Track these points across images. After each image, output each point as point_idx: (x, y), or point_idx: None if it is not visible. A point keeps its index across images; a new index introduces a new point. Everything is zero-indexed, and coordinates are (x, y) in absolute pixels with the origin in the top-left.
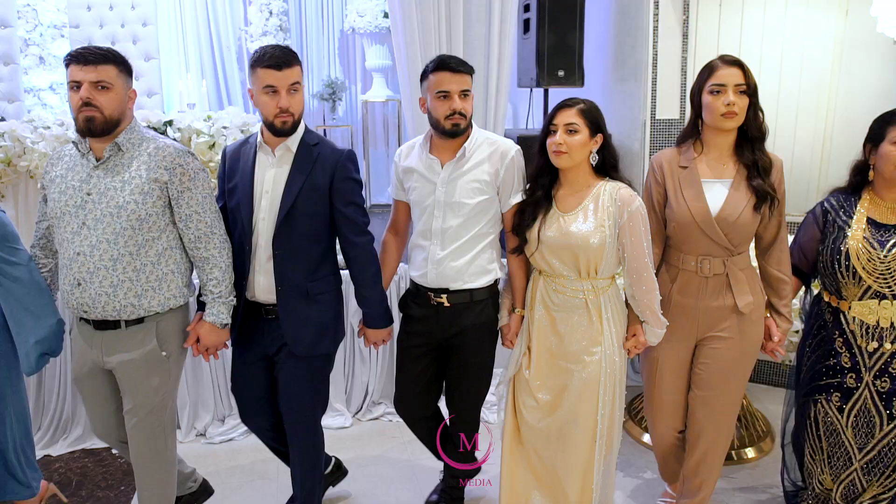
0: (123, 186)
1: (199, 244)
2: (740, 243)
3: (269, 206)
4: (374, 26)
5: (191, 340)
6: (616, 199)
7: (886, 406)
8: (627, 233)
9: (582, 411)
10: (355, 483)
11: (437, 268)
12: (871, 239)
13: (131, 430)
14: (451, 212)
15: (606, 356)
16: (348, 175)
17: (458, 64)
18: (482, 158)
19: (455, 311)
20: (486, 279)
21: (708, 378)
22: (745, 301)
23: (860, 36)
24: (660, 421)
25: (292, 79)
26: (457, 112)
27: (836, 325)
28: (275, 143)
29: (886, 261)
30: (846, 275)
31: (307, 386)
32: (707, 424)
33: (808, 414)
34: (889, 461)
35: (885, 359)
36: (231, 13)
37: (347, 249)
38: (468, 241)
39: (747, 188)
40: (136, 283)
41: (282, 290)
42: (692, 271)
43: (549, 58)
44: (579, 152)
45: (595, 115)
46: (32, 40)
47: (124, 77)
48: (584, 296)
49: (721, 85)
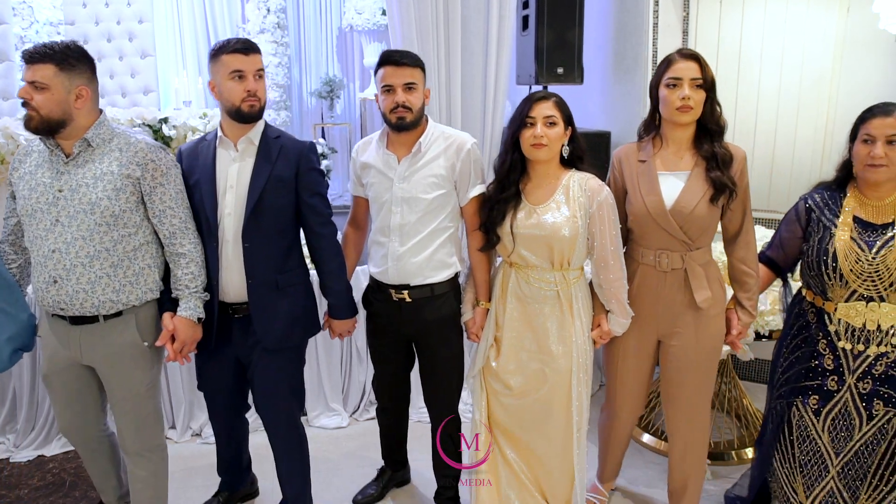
0: (95, 183)
1: (173, 240)
2: (698, 237)
3: (234, 200)
4: (372, 24)
5: (164, 338)
6: (585, 189)
7: (867, 407)
8: (597, 222)
9: (556, 403)
10: (352, 483)
11: (398, 264)
12: (858, 240)
13: (120, 423)
14: (408, 207)
15: (578, 347)
16: (312, 166)
17: (402, 57)
18: (438, 153)
19: (416, 306)
20: (446, 273)
21: (672, 377)
22: (703, 296)
23: (861, 33)
24: (622, 408)
25: (258, 65)
26: (400, 105)
27: (821, 326)
28: (236, 137)
29: (874, 263)
30: (833, 276)
31: (282, 379)
32: (680, 423)
33: (783, 417)
34: (866, 463)
35: (869, 361)
36: (228, 10)
37: (313, 240)
38: (427, 236)
39: (704, 181)
40: (115, 279)
41: (252, 283)
42: (651, 265)
43: (549, 55)
44: (557, 144)
45: (567, 108)
46: (28, 38)
47: (66, 76)
48: (557, 287)
49: (677, 78)
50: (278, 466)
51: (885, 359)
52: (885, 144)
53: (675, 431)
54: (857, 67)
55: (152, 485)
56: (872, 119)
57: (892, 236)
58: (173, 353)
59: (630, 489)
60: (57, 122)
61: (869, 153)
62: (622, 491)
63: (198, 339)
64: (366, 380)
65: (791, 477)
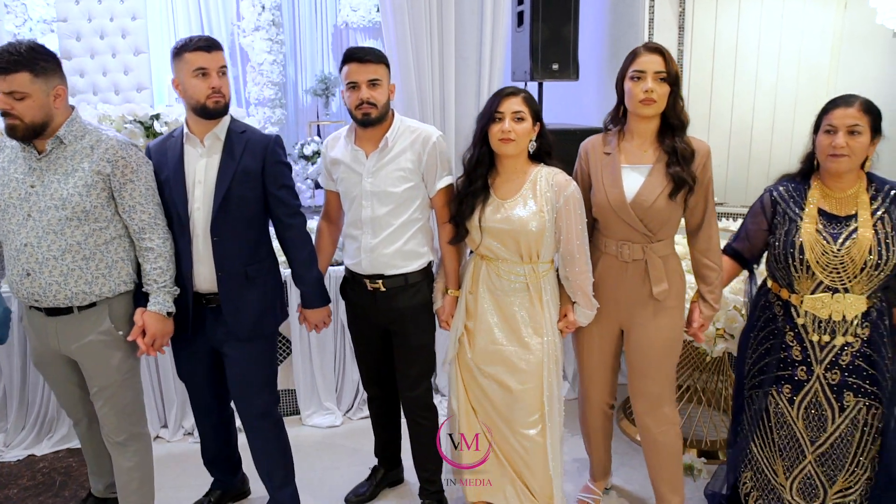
0: (67, 179)
1: (143, 235)
2: (658, 230)
3: (203, 195)
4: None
5: (135, 333)
6: (552, 184)
7: (837, 399)
8: (563, 216)
9: (528, 394)
10: (346, 482)
11: (371, 255)
12: (823, 232)
13: (101, 412)
14: (378, 201)
15: (548, 338)
16: (278, 159)
17: (365, 54)
18: (405, 147)
19: (391, 295)
20: (419, 263)
21: (635, 368)
22: (660, 288)
23: (859, 28)
24: (593, 392)
25: (221, 62)
26: (364, 102)
27: (788, 318)
28: (202, 133)
29: (839, 255)
30: (800, 269)
31: (256, 369)
32: (648, 418)
33: (761, 406)
34: (843, 453)
35: (835, 351)
36: (223, 8)
37: (282, 232)
38: (398, 227)
39: (665, 175)
40: (87, 271)
41: (222, 275)
42: (613, 255)
43: (544, 51)
44: (525, 139)
45: (535, 104)
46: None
47: (42, 80)
48: (526, 279)
49: (641, 71)
50: (257, 463)
51: (850, 348)
52: (846, 134)
53: (644, 427)
54: (855, 63)
55: (137, 475)
56: (834, 109)
57: (855, 228)
58: (144, 347)
59: (625, 488)
60: (41, 125)
61: (831, 143)
62: (617, 490)
63: (168, 333)
64: (359, 379)
65: (771, 459)
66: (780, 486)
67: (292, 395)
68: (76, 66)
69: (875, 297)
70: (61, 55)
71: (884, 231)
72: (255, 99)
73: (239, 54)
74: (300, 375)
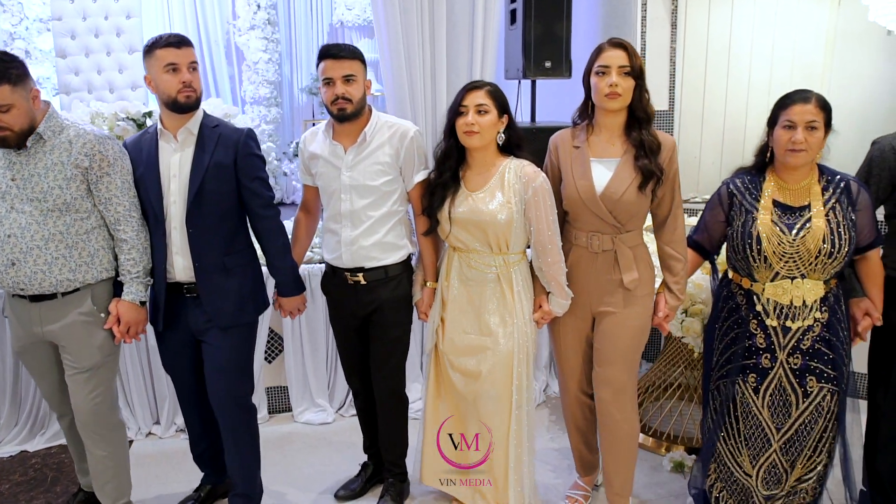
0: (47, 173)
1: (118, 226)
2: (627, 221)
3: (178, 189)
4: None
5: (111, 322)
6: (521, 175)
7: (801, 383)
8: (533, 207)
9: (498, 383)
10: (337, 479)
11: (351, 248)
12: (779, 222)
13: (75, 393)
14: (357, 194)
15: (518, 328)
16: (251, 151)
17: (340, 50)
18: (382, 141)
19: (371, 288)
20: (398, 255)
21: (603, 353)
22: (631, 277)
23: (853, 26)
24: (570, 380)
25: (191, 57)
26: (339, 97)
27: (750, 307)
28: (176, 128)
29: (795, 244)
30: (758, 259)
31: (232, 357)
32: (610, 406)
33: (728, 396)
34: (806, 439)
35: (797, 336)
36: (219, 7)
37: (255, 222)
38: (377, 220)
39: (633, 168)
40: (70, 260)
41: (199, 266)
42: (584, 247)
43: (536, 49)
44: (489, 132)
45: (501, 97)
46: (18, 34)
47: (21, 87)
48: (497, 270)
49: (605, 66)
50: (227, 451)
51: (811, 332)
52: (805, 130)
53: (607, 414)
54: (850, 61)
55: (111, 464)
56: (793, 105)
57: (809, 218)
58: (119, 335)
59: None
60: (29, 129)
61: (790, 138)
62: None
63: (142, 321)
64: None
65: (737, 451)
66: (744, 476)
67: (284, 392)
68: (71, 64)
69: (832, 282)
70: (56, 54)
71: (835, 220)
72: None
73: (234, 53)
74: (292, 373)
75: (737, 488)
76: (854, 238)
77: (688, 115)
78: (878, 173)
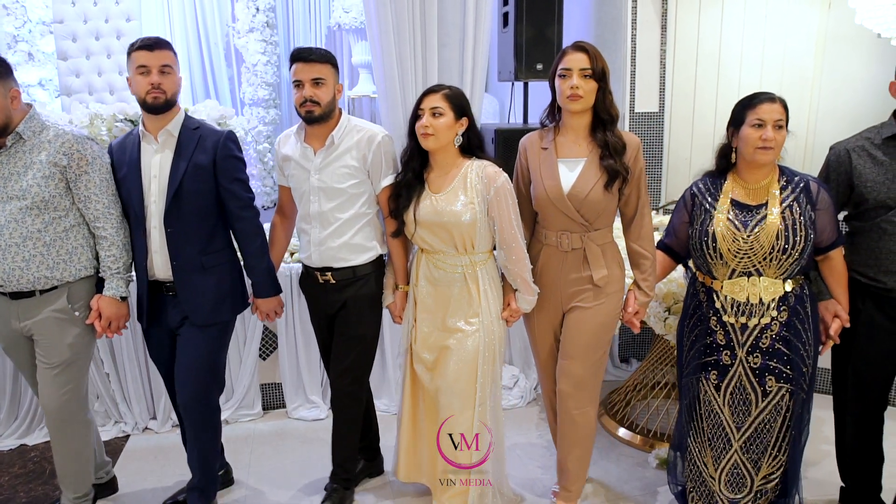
0: (26, 171)
1: (97, 223)
2: (595, 219)
3: (158, 189)
4: (359, 22)
5: (93, 317)
6: (482, 176)
7: (760, 383)
8: (495, 207)
9: (461, 380)
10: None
11: (319, 248)
12: (734, 220)
13: (44, 388)
14: (325, 196)
15: (484, 326)
16: (230, 153)
17: (310, 54)
18: (351, 145)
19: (339, 287)
20: (366, 256)
21: (567, 347)
22: (600, 274)
23: (844, 29)
24: (544, 377)
25: (163, 60)
26: (308, 100)
27: (710, 304)
28: (156, 129)
29: (749, 241)
30: (714, 256)
31: (203, 355)
32: (567, 397)
33: (693, 394)
34: (767, 438)
35: (755, 334)
36: (218, 9)
37: (233, 223)
38: (346, 222)
39: (599, 167)
40: (48, 257)
41: (177, 264)
42: (553, 246)
43: (528, 51)
44: (445, 134)
45: (459, 100)
46: (21, 37)
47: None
48: (463, 270)
49: (567, 69)
50: (189, 448)
51: (769, 331)
52: (773, 128)
53: (564, 408)
54: (840, 63)
55: (75, 460)
56: (761, 104)
57: (764, 216)
58: (100, 329)
59: (603, 480)
60: (3, 127)
61: (761, 136)
62: (596, 483)
63: (122, 316)
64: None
65: (702, 452)
66: (710, 478)
67: (279, 388)
68: (72, 66)
69: (795, 282)
70: (58, 56)
71: (791, 218)
72: (250, 99)
73: (234, 55)
74: (286, 370)
75: (704, 491)
76: (811, 236)
77: (678, 117)
78: (835, 178)
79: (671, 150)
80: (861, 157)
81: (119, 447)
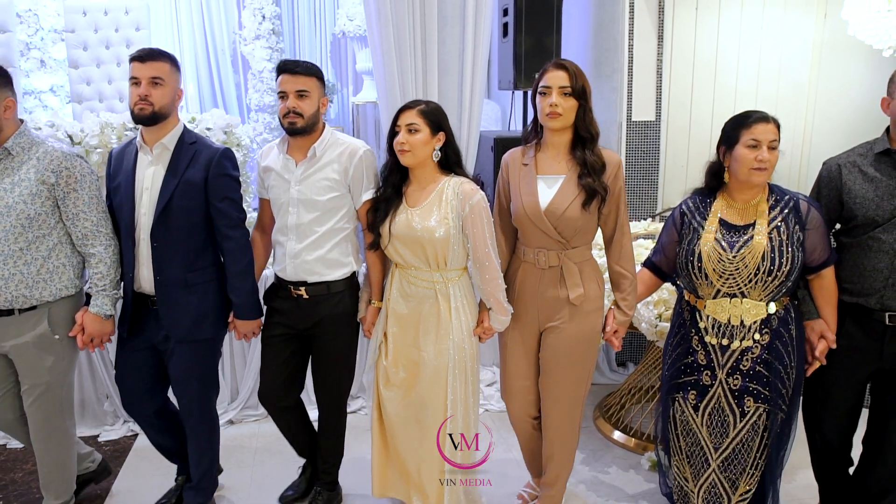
0: (13, 188)
1: (85, 241)
2: (572, 237)
3: (148, 202)
4: (363, 30)
5: (76, 330)
6: (458, 193)
7: (739, 404)
8: (470, 224)
9: (433, 397)
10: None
11: (294, 261)
12: (721, 240)
13: (29, 409)
14: (304, 208)
15: (455, 344)
16: (223, 171)
17: (296, 66)
18: (332, 158)
19: (313, 303)
20: (342, 272)
21: (546, 366)
22: (576, 293)
23: (839, 38)
24: (512, 405)
25: (154, 72)
26: (291, 111)
27: (693, 322)
28: (152, 141)
29: (734, 262)
30: (699, 276)
31: (193, 368)
32: (551, 413)
33: (668, 413)
34: (745, 458)
35: (736, 356)
36: (225, 17)
37: (221, 242)
38: (322, 235)
39: (577, 185)
40: (27, 276)
41: (160, 279)
42: (531, 262)
43: (527, 60)
44: (421, 150)
45: (436, 116)
46: (34, 44)
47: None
48: (434, 286)
49: (547, 87)
50: (189, 447)
51: (750, 353)
52: (768, 149)
53: (545, 422)
54: (836, 73)
55: (57, 468)
56: (756, 125)
57: (751, 236)
58: (82, 344)
59: (596, 482)
60: None
61: (756, 157)
62: (588, 483)
63: (106, 333)
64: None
65: (682, 467)
66: (690, 491)
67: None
68: (83, 74)
69: (779, 305)
70: (69, 64)
71: (778, 239)
72: (256, 105)
73: (241, 62)
74: None
75: (686, 502)
76: (799, 257)
77: (674, 126)
78: (826, 193)
79: (668, 158)
80: (851, 173)
81: (128, 446)
